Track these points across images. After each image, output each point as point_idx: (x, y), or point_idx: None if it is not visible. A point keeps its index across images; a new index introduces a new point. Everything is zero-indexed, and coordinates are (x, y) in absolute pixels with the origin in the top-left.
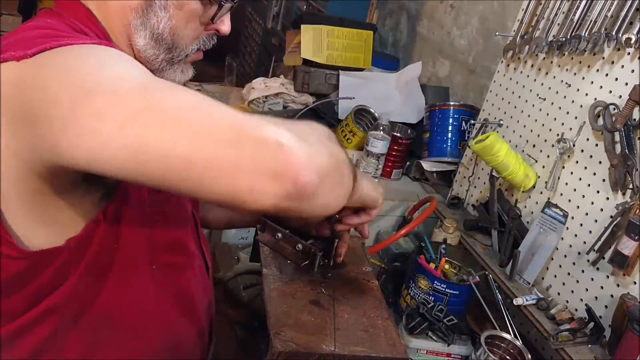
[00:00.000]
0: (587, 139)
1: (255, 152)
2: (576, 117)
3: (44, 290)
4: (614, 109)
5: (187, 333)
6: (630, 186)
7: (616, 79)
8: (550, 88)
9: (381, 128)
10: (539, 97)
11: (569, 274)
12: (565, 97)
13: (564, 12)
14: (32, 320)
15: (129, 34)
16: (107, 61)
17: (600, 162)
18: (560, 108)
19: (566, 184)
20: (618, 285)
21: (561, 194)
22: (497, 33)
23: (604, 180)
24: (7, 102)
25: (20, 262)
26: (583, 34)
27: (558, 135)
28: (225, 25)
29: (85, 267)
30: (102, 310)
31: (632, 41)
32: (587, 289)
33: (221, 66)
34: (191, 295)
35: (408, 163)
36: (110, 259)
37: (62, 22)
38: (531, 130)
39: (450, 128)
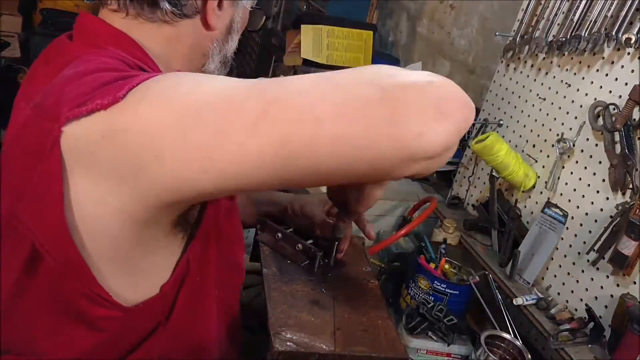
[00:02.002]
0: (587, 139)
1: (409, 98)
2: (576, 117)
3: (140, 339)
4: (614, 109)
5: (231, 352)
6: (630, 186)
7: (616, 79)
8: (550, 88)
9: None
10: (539, 97)
11: (568, 274)
12: (565, 97)
13: (563, 12)
14: None
15: (203, 61)
16: (200, 79)
17: (600, 162)
18: (560, 108)
19: (566, 184)
20: (618, 285)
21: (561, 194)
22: (497, 33)
23: (603, 180)
24: (98, 158)
25: (119, 320)
26: (583, 34)
27: (558, 135)
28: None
29: (179, 310)
30: (192, 344)
31: (632, 41)
32: (587, 289)
33: None
34: (237, 312)
35: None
36: (198, 296)
37: (112, 57)
38: (531, 130)
39: None
